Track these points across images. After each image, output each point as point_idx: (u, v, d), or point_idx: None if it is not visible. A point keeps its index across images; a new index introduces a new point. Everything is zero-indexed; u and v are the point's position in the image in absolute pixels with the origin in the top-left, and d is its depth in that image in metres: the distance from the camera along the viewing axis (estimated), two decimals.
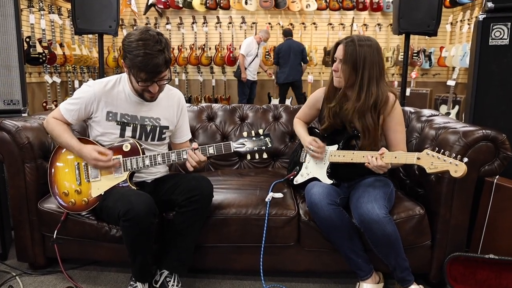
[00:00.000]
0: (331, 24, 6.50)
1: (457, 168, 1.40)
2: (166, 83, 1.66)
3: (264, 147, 1.61)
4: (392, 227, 1.52)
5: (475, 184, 1.67)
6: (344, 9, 6.29)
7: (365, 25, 6.46)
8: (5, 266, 1.96)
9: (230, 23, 6.50)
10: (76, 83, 5.52)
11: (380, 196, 1.59)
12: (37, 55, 4.64)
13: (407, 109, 2.25)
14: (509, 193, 1.71)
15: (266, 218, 1.71)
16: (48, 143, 1.92)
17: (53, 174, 1.75)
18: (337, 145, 1.77)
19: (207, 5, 6.24)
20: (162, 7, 6.32)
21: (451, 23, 5.90)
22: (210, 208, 1.73)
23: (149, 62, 1.49)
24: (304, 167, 1.89)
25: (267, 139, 1.61)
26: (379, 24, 6.45)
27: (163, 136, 1.81)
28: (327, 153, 1.78)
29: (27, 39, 4.59)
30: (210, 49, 6.54)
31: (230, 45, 6.50)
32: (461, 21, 5.64)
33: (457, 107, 5.38)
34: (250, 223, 1.73)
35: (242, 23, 6.51)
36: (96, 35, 2.87)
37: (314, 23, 6.51)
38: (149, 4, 6.38)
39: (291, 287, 1.82)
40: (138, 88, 1.62)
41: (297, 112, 2.07)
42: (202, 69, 6.64)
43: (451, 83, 5.05)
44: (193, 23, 6.46)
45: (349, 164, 1.70)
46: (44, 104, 5.01)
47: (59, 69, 5.15)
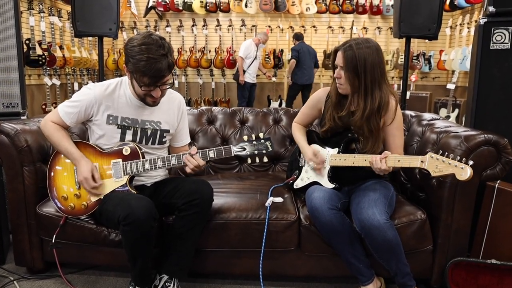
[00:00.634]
0: (330, 27, 6.51)
1: (463, 171, 1.39)
2: (169, 88, 1.66)
3: (265, 151, 1.60)
4: (393, 232, 1.51)
5: (477, 189, 1.67)
6: (344, 12, 6.30)
7: (364, 28, 6.48)
8: (3, 270, 1.94)
9: (230, 26, 6.51)
10: (76, 85, 5.51)
11: (381, 201, 1.58)
12: (36, 57, 4.64)
13: (408, 112, 2.25)
14: (511, 198, 1.70)
15: (266, 222, 1.70)
16: (47, 146, 1.91)
17: (52, 178, 1.74)
18: (337, 149, 1.76)
19: (207, 7, 6.25)
20: (162, 9, 6.33)
21: (451, 27, 5.92)
22: (210, 212, 1.72)
23: (152, 66, 1.49)
24: (304, 171, 1.88)
25: (267, 142, 1.60)
26: (378, 28, 6.47)
27: (164, 139, 1.80)
28: (327, 157, 1.77)
29: (27, 41, 4.59)
30: (210, 51, 6.54)
31: (230, 47, 6.50)
32: (460, 24, 5.66)
33: (457, 111, 5.39)
34: (251, 228, 1.72)
35: (242, 26, 6.52)
36: (96, 37, 2.87)
37: (314, 26, 6.53)
38: (149, 6, 6.39)
39: None
40: (140, 93, 1.61)
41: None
42: (202, 71, 6.64)
43: (451, 86, 5.05)
44: (193, 25, 6.47)
45: (350, 168, 1.69)
46: (44, 107, 5.00)
47: (58, 71, 5.14)
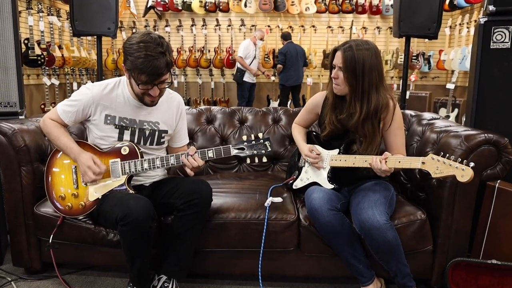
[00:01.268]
0: (330, 27, 6.50)
1: (464, 173, 1.38)
2: (167, 87, 1.65)
3: (264, 151, 1.59)
4: (393, 233, 1.50)
5: (477, 189, 1.66)
6: (343, 12, 6.29)
7: (364, 28, 6.47)
8: (0, 271, 1.93)
9: (229, 25, 6.50)
10: (75, 85, 5.50)
11: (381, 201, 1.57)
12: (35, 57, 4.63)
13: (408, 112, 2.24)
14: (511, 198, 1.69)
15: (266, 222, 1.69)
16: (45, 146, 1.90)
17: (49, 178, 1.73)
18: (337, 149, 1.75)
19: (207, 7, 6.24)
20: (161, 9, 6.31)
21: (450, 27, 5.91)
22: (209, 212, 1.71)
23: (150, 64, 1.48)
24: (303, 171, 1.87)
25: (266, 143, 1.59)
26: (378, 27, 6.46)
27: (162, 140, 1.79)
28: (327, 158, 1.76)
29: (26, 41, 4.57)
30: (209, 51, 6.53)
31: (229, 47, 6.49)
32: (460, 24, 5.66)
33: (456, 110, 5.38)
34: (250, 228, 1.71)
35: (241, 25, 6.50)
36: (95, 37, 2.86)
37: (313, 26, 6.52)
38: (148, 6, 6.37)
39: None
40: (138, 92, 1.60)
41: (296, 115, 2.05)
42: (201, 71, 6.62)
43: (450, 86, 5.04)
44: (192, 25, 6.46)
45: (350, 168, 1.68)
46: (42, 106, 4.99)
47: (57, 71, 5.13)
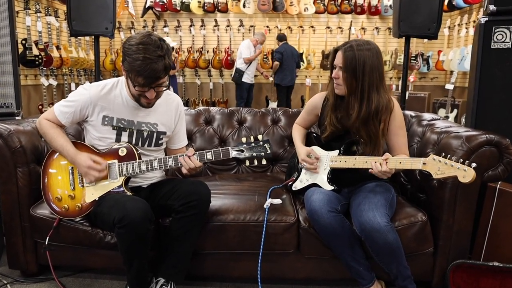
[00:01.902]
0: (329, 27, 6.50)
1: (466, 174, 1.37)
2: (165, 90, 1.63)
3: (263, 153, 1.57)
4: (393, 235, 1.49)
5: (478, 190, 1.64)
6: (342, 13, 6.29)
7: (363, 28, 6.47)
8: None
9: (228, 26, 6.49)
10: (73, 86, 5.47)
11: (382, 203, 1.55)
12: (33, 58, 4.61)
13: (408, 113, 2.23)
14: None
15: (265, 224, 1.67)
16: (41, 147, 1.87)
17: (46, 179, 1.71)
18: (338, 150, 1.73)
19: (205, 8, 6.22)
20: (159, 10, 6.30)
21: (449, 27, 5.92)
22: (207, 214, 1.69)
23: (148, 67, 1.46)
24: (303, 172, 1.85)
25: (266, 145, 1.57)
26: (377, 28, 6.46)
27: (160, 141, 1.77)
28: (327, 159, 1.75)
29: (23, 41, 4.56)
30: (208, 52, 6.52)
31: (228, 48, 6.48)
32: (459, 25, 5.66)
33: (455, 111, 5.38)
34: (249, 230, 1.69)
35: (240, 26, 6.49)
36: (93, 37, 2.84)
37: (312, 27, 6.51)
38: (146, 7, 6.35)
39: None
40: (134, 93, 1.59)
41: (296, 115, 2.03)
42: (200, 72, 6.61)
43: (449, 86, 5.04)
44: (190, 26, 6.45)
45: (350, 170, 1.66)
46: (40, 107, 4.96)
47: (55, 71, 5.11)
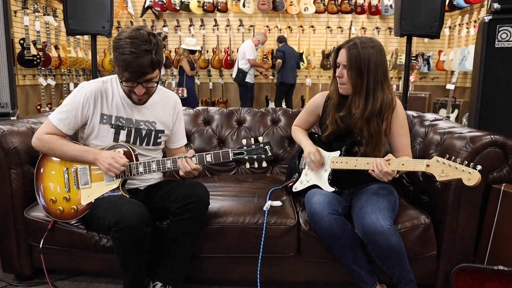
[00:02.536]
0: (329, 27, 6.47)
1: (471, 176, 1.33)
2: (155, 86, 1.59)
3: (264, 155, 1.53)
4: (397, 238, 1.46)
5: (483, 192, 1.61)
6: (342, 12, 6.26)
7: (363, 28, 6.43)
8: None
9: (227, 25, 6.46)
10: (71, 86, 5.44)
11: (384, 205, 1.52)
12: (31, 57, 4.58)
13: (410, 113, 2.19)
14: None
15: (264, 227, 1.63)
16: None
17: (40, 180, 1.67)
18: (339, 151, 1.70)
19: (205, 7, 6.19)
20: (159, 9, 6.26)
21: (450, 27, 5.88)
22: (206, 216, 1.65)
23: (133, 61, 1.42)
24: (303, 173, 1.82)
25: (267, 147, 1.54)
26: (377, 28, 6.43)
27: (159, 140, 1.74)
28: (328, 160, 1.71)
29: (21, 41, 4.52)
30: (207, 52, 6.49)
31: (228, 48, 6.44)
32: (459, 25, 5.63)
33: (456, 111, 5.34)
34: (248, 232, 1.65)
35: (239, 26, 6.46)
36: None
37: (312, 26, 6.48)
38: (146, 6, 6.32)
39: None
40: (124, 89, 1.56)
41: (296, 115, 1.99)
42: (200, 72, 6.57)
43: (450, 87, 5.01)
44: (190, 25, 6.41)
45: (352, 171, 1.62)
46: (38, 107, 4.93)
47: (54, 71, 5.08)
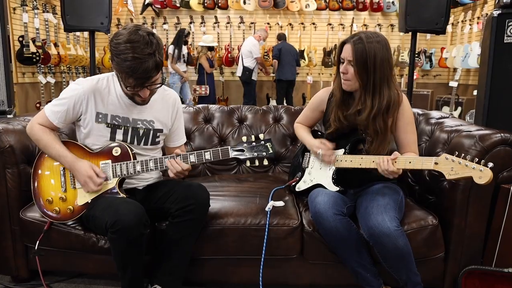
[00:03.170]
0: (330, 24, 6.41)
1: (482, 174, 1.26)
2: (158, 87, 1.54)
3: (265, 153, 1.48)
4: (404, 240, 1.41)
5: (492, 191, 1.56)
6: (344, 9, 6.21)
7: (365, 25, 6.38)
8: None
9: (228, 23, 6.41)
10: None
11: (391, 206, 1.47)
12: (30, 55, 4.54)
13: (415, 110, 2.13)
14: None
15: (267, 228, 1.59)
16: (32, 147, 1.79)
17: (36, 180, 1.62)
18: (343, 149, 1.65)
19: (205, 4, 6.14)
20: (159, 6, 6.22)
21: (452, 24, 5.83)
22: (206, 218, 1.61)
23: (138, 67, 1.36)
24: (307, 172, 1.77)
25: (268, 144, 1.48)
26: (379, 25, 6.37)
27: (157, 140, 1.69)
28: None
29: (20, 39, 4.49)
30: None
31: (228, 45, 6.39)
32: (462, 21, 5.57)
33: (459, 109, 5.28)
34: (250, 234, 1.61)
35: (240, 23, 6.41)
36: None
37: (314, 23, 6.43)
38: (146, 3, 6.27)
39: None
40: (127, 93, 1.52)
41: (299, 113, 1.94)
42: None
43: (453, 84, 4.95)
44: (190, 23, 6.36)
45: (356, 170, 1.58)
46: (38, 105, 4.89)
47: (53, 69, 5.04)
